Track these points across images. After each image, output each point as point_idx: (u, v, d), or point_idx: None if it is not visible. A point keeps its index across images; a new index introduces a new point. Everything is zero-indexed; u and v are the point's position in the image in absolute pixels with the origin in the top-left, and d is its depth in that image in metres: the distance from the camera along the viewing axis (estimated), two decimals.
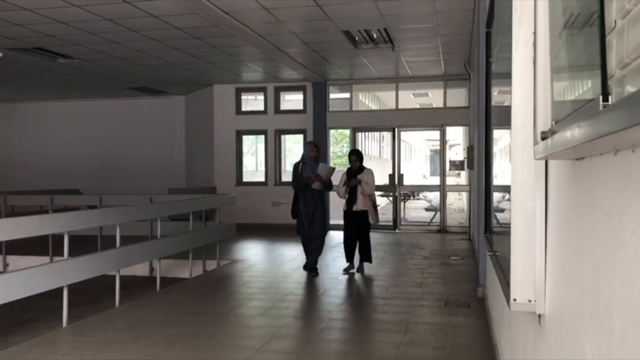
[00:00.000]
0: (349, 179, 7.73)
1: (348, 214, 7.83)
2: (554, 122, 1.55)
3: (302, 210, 7.52)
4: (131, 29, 8.40)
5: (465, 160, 11.91)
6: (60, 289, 5.16)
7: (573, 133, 1.09)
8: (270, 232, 12.30)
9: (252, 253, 9.96)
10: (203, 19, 7.84)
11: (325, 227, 7.81)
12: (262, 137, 13.98)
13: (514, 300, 1.99)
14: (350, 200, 7.75)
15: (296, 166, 7.63)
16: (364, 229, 7.82)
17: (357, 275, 7.76)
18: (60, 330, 5.12)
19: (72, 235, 5.44)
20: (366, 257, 7.86)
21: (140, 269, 8.09)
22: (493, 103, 4.56)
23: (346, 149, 17.27)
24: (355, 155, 7.89)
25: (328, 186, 7.62)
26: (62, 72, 11.74)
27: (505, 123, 2.99)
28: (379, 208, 14.78)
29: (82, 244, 6.66)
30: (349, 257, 7.86)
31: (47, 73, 11.90)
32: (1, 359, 4.32)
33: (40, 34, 8.62)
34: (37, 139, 16.60)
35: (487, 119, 5.06)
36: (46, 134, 16.51)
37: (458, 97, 13.09)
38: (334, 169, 7.68)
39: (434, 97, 15.34)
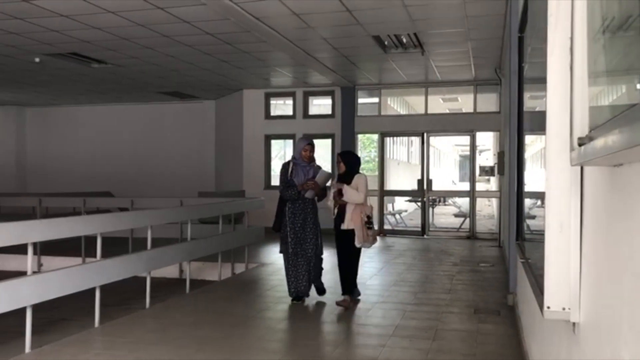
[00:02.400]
0: (339, 191, 6.14)
1: (337, 233, 6.21)
2: (591, 129, 1.53)
3: (288, 222, 6.12)
4: (163, 35, 8.54)
5: (496, 166, 11.78)
6: (92, 290, 5.26)
7: (613, 139, 1.08)
8: None
9: (280, 257, 9.96)
10: (234, 25, 7.93)
11: (320, 245, 6.33)
12: (291, 141, 14.04)
13: (548, 307, 1.97)
14: (339, 216, 6.16)
15: (285, 168, 6.20)
16: (349, 251, 6.16)
17: (385, 280, 7.72)
18: (92, 330, 5.21)
19: (104, 236, 5.54)
20: (348, 287, 6.20)
21: (169, 271, 8.19)
22: (525, 108, 4.51)
23: (374, 154, 17.25)
24: (341, 157, 6.33)
25: (321, 195, 6.29)
26: (96, 76, 11.99)
27: (539, 129, 2.96)
28: (402, 216, 14.65)
29: (113, 246, 6.78)
30: (346, 287, 6.23)
31: (81, 78, 12.17)
32: (36, 357, 4.43)
33: (76, 40, 8.82)
34: (71, 142, 16.98)
35: (519, 124, 5.01)
36: (80, 138, 16.88)
37: (488, 102, 12.96)
38: (331, 174, 6.40)
39: (464, 102, 15.22)
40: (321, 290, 6.49)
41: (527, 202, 4.30)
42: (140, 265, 5.95)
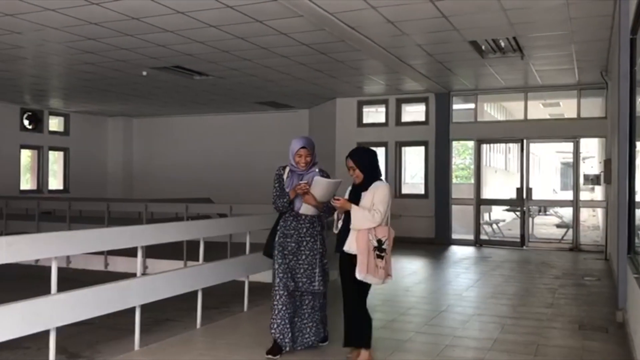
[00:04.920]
0: (352, 199, 4.46)
1: (340, 255, 4.49)
2: None
3: (277, 244, 4.81)
4: (261, 47, 8.81)
5: (602, 174, 11.15)
6: (193, 292, 5.48)
7: None
8: None
9: None
10: (329, 35, 8.04)
11: (322, 277, 4.80)
12: (383, 149, 13.98)
13: None
14: (343, 234, 4.44)
15: (279, 174, 4.94)
16: (349, 285, 4.39)
17: (482, 292, 7.49)
18: (194, 331, 5.44)
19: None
20: (355, 335, 4.40)
21: (263, 276, 8.36)
22: (638, 113, 4.24)
23: (469, 161, 16.81)
24: (352, 159, 4.49)
25: (326, 210, 4.81)
26: (198, 88, 12.56)
27: None
28: (499, 225, 14.06)
29: (209, 250, 7.03)
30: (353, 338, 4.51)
31: (183, 89, 12.79)
32: (144, 355, 4.68)
33: (180, 53, 9.29)
34: (174, 151, 17.91)
35: (630, 130, 4.72)
36: (182, 146, 17.77)
37: (593, 107, 12.31)
38: (339, 182, 4.69)
39: (566, 107, 14.55)
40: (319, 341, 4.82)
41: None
42: (240, 269, 6.16)
